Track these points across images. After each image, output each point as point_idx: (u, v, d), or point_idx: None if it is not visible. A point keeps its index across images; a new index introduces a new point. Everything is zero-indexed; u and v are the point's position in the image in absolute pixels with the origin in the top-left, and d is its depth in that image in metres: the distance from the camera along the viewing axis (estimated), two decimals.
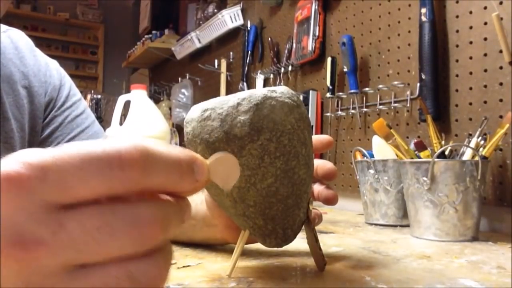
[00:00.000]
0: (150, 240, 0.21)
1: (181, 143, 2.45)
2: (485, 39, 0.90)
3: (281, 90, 0.43)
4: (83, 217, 0.21)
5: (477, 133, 0.80)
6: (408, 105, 1.07)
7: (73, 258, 0.21)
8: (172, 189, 0.23)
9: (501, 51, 0.86)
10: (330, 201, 0.52)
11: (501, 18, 0.85)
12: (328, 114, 1.35)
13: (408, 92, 1.07)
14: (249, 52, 1.87)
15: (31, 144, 0.75)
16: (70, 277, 0.21)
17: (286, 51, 1.56)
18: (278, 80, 1.63)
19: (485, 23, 0.90)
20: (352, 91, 1.22)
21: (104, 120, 2.71)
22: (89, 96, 2.85)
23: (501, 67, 0.87)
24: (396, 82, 1.09)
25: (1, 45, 0.73)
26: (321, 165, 0.52)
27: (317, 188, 0.53)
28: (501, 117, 0.85)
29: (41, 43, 4.81)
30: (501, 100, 0.87)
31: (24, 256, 0.20)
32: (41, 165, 0.20)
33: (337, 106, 1.32)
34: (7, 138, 0.70)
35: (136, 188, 0.21)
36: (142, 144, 0.22)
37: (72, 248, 0.20)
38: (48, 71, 0.79)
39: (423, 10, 0.99)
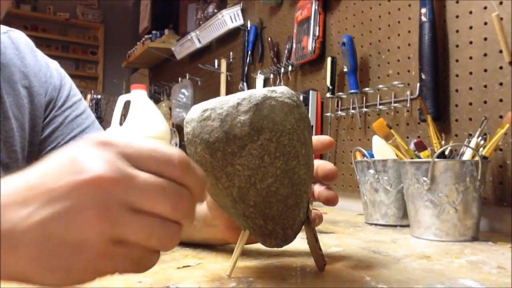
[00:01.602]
0: (182, 213, 0.30)
1: (181, 143, 2.45)
2: (485, 39, 0.90)
3: (281, 90, 0.43)
4: (152, 178, 0.29)
5: (477, 133, 0.80)
6: (408, 105, 1.07)
7: (137, 200, 0.29)
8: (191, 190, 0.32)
9: (501, 51, 0.86)
10: (330, 201, 0.52)
11: (501, 18, 0.85)
12: (328, 114, 1.35)
13: (408, 92, 1.07)
14: (249, 52, 1.87)
15: (31, 144, 0.75)
16: (130, 213, 0.28)
17: (286, 51, 1.56)
18: (278, 80, 1.63)
19: (485, 23, 0.90)
20: (352, 91, 1.22)
21: (104, 120, 2.72)
22: (89, 96, 2.85)
23: (501, 67, 0.87)
24: (396, 82, 1.09)
25: (2, 45, 0.73)
26: (321, 165, 0.52)
27: (318, 188, 0.53)
28: (501, 117, 0.85)
29: (41, 43, 4.81)
30: (501, 100, 0.87)
31: (105, 183, 0.28)
32: (120, 139, 0.31)
33: (337, 106, 1.32)
34: (7, 138, 0.71)
35: (177, 180, 0.31)
36: (184, 155, 0.32)
37: (139, 192, 0.29)
38: (49, 71, 0.80)
39: (423, 10, 0.99)
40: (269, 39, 1.68)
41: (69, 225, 0.27)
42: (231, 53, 2.08)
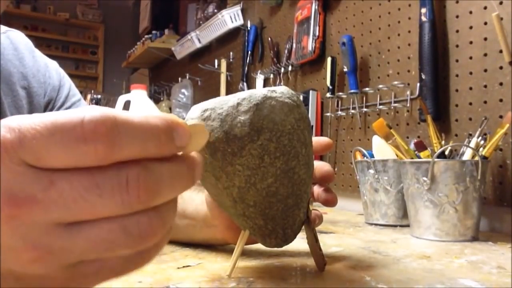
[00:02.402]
0: (137, 201, 0.22)
1: None
2: (485, 39, 0.90)
3: (281, 90, 0.43)
4: (72, 177, 0.21)
5: (477, 133, 0.80)
6: (408, 105, 1.07)
7: (65, 215, 0.21)
8: (152, 158, 0.23)
9: (501, 51, 0.86)
10: (329, 202, 0.52)
11: (501, 18, 0.85)
12: (328, 114, 1.35)
13: (408, 92, 1.07)
14: (249, 52, 1.87)
15: None
16: (66, 233, 0.22)
17: (286, 51, 1.56)
18: (278, 80, 1.63)
19: (485, 23, 0.90)
20: (352, 91, 1.22)
21: None
22: (89, 96, 2.85)
23: (501, 67, 0.87)
24: (396, 82, 1.09)
25: (1, 45, 0.73)
26: (319, 167, 0.52)
27: (317, 189, 0.53)
28: (501, 117, 0.85)
29: (41, 43, 4.81)
30: (501, 100, 0.87)
31: (17, 213, 0.21)
32: (19, 129, 0.21)
33: (337, 106, 1.32)
34: None
35: (106, 161, 0.21)
36: (110, 114, 0.21)
37: (62, 205, 0.21)
38: (48, 72, 0.80)
39: (423, 10, 0.99)
40: (269, 39, 1.68)
41: (12, 266, 0.22)
42: (231, 53, 2.08)
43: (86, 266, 0.23)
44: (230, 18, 1.95)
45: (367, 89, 1.18)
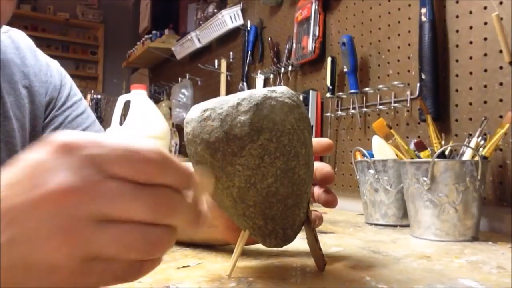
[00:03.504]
0: (161, 215, 0.27)
1: (181, 143, 2.45)
2: (485, 39, 0.90)
3: (281, 90, 0.43)
4: (116, 182, 0.26)
5: (477, 133, 0.80)
6: (408, 105, 1.07)
7: (104, 210, 0.26)
8: (179, 188, 0.29)
9: (501, 51, 0.86)
10: (330, 204, 0.52)
11: (501, 18, 0.85)
12: (328, 114, 1.35)
13: (408, 92, 1.07)
14: (249, 52, 1.87)
15: (32, 144, 0.75)
16: (96, 226, 0.26)
17: (286, 51, 1.56)
18: (278, 80, 1.63)
19: (485, 23, 0.90)
20: (352, 91, 1.22)
21: (104, 120, 2.71)
22: (89, 96, 2.85)
23: (501, 67, 0.87)
24: (396, 82, 1.09)
25: (2, 44, 0.73)
26: (319, 168, 0.52)
27: (317, 191, 0.53)
28: (501, 117, 0.85)
29: (41, 43, 4.81)
30: (501, 100, 0.87)
31: (63, 200, 0.25)
32: (101, 142, 0.27)
33: (337, 106, 1.32)
34: (9, 138, 0.71)
35: (154, 180, 0.27)
36: (162, 151, 0.28)
37: (105, 201, 0.26)
38: (49, 71, 0.80)
39: (423, 10, 0.99)
40: (269, 39, 1.68)
41: (32, 250, 0.25)
42: (231, 53, 2.08)
43: (96, 263, 0.26)
44: (230, 18, 1.95)
45: (367, 89, 1.18)
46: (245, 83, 1.89)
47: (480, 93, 0.91)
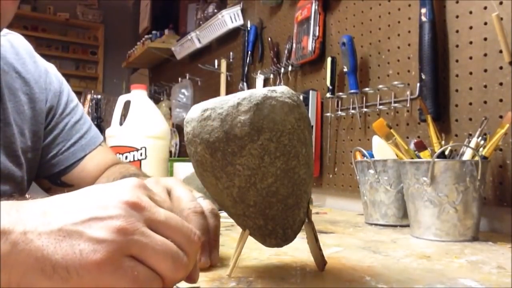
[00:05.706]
0: (192, 244, 0.35)
1: (181, 143, 2.45)
2: (485, 39, 0.90)
3: (281, 90, 0.43)
4: (155, 236, 0.33)
5: (477, 133, 0.80)
6: (408, 105, 1.07)
7: (137, 250, 0.32)
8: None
9: (501, 51, 0.86)
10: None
11: (501, 18, 0.85)
12: (328, 114, 1.34)
13: (408, 92, 1.07)
14: (249, 52, 1.86)
15: (33, 150, 0.76)
16: (147, 229, 0.33)
17: (286, 51, 1.56)
18: (278, 80, 1.63)
19: (485, 23, 0.90)
20: (352, 91, 1.21)
21: (104, 120, 2.71)
22: (89, 96, 2.85)
23: (501, 67, 0.87)
24: (396, 82, 1.09)
25: (2, 49, 0.73)
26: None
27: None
28: (501, 117, 0.85)
29: (41, 43, 4.80)
30: (501, 100, 0.87)
31: (137, 208, 0.33)
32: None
33: (337, 106, 1.32)
34: (9, 143, 0.71)
35: (182, 248, 0.34)
36: (201, 237, 0.36)
37: (141, 245, 0.32)
38: (48, 78, 0.81)
39: (423, 10, 0.99)
40: (269, 39, 1.68)
41: (93, 226, 0.31)
42: (231, 53, 2.08)
43: (128, 261, 0.31)
44: (230, 18, 1.95)
45: (367, 89, 1.18)
46: (245, 83, 1.89)
47: (480, 93, 0.91)
